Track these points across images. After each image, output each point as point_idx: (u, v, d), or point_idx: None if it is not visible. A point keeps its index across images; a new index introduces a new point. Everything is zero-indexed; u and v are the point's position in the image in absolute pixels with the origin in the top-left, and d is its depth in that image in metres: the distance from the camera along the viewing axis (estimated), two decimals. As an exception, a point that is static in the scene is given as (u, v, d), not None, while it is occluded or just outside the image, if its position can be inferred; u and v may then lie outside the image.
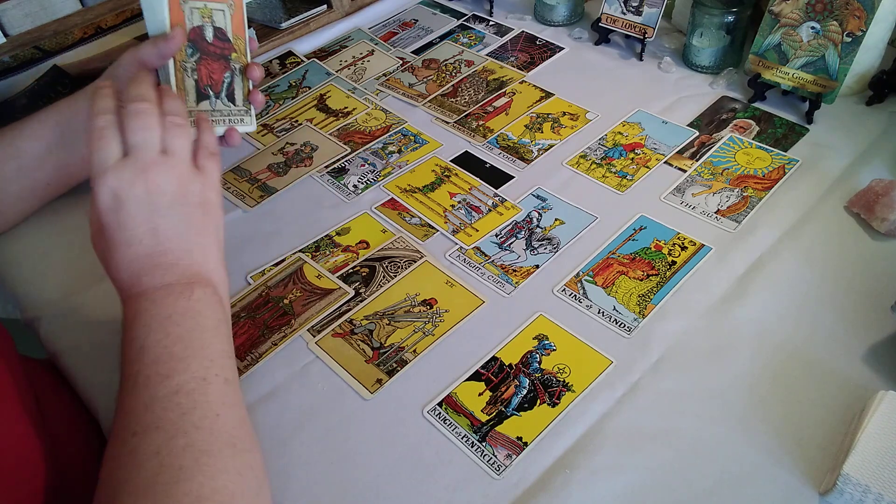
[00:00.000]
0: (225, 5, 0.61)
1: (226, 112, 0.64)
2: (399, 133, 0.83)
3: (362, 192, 0.75)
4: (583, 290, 0.63)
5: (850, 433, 0.50)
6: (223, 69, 0.63)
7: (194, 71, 0.61)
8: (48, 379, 0.61)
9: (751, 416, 0.53)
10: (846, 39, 0.74)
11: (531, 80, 0.90)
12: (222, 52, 0.63)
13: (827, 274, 0.63)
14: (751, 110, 0.82)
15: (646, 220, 0.70)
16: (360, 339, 0.61)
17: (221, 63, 0.63)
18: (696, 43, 0.87)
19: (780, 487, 0.49)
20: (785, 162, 0.74)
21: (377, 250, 0.69)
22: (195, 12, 0.60)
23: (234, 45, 0.63)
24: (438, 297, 0.64)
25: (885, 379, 0.54)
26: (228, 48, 0.63)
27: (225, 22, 0.62)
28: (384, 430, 0.54)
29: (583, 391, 0.55)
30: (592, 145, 0.79)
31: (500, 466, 0.51)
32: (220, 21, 0.62)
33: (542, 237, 0.69)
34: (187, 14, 0.60)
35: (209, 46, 0.61)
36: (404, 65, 0.94)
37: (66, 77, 0.88)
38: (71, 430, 0.57)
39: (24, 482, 0.47)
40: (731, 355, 0.57)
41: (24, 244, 0.71)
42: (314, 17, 1.02)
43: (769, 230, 0.67)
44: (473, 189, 0.75)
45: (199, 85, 0.62)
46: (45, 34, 0.93)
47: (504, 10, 1.04)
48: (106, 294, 0.66)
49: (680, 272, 0.64)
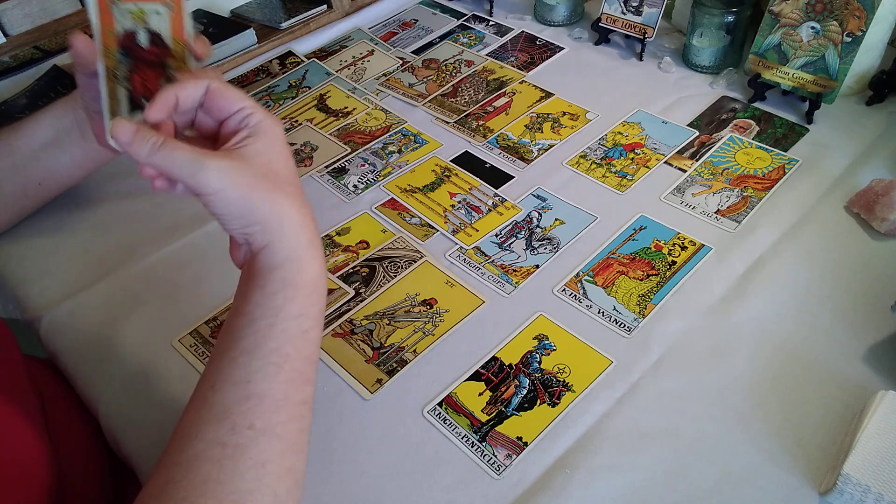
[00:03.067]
0: (162, 6, 0.55)
1: None
2: (399, 133, 0.83)
3: (362, 192, 0.75)
4: (583, 290, 0.63)
5: (850, 433, 0.50)
6: (158, 77, 0.57)
7: (126, 79, 0.56)
8: (50, 378, 0.61)
9: (751, 416, 0.53)
10: (846, 39, 0.74)
11: (531, 80, 0.90)
12: (158, 59, 0.56)
13: (827, 274, 0.63)
14: (751, 110, 0.82)
15: (646, 219, 0.70)
16: (360, 339, 0.61)
17: (157, 70, 0.57)
18: (696, 43, 0.87)
19: (780, 487, 0.49)
20: (785, 162, 0.74)
21: (377, 250, 0.69)
22: (126, 15, 0.54)
23: (173, 50, 0.57)
24: (438, 297, 0.64)
25: (885, 379, 0.54)
26: (166, 54, 0.57)
27: (162, 25, 0.56)
28: (384, 430, 0.54)
29: (583, 391, 0.55)
30: (592, 145, 0.79)
31: (500, 466, 0.51)
32: (156, 24, 0.56)
33: (542, 237, 0.69)
34: (117, 17, 0.54)
35: (143, 52, 0.56)
36: (404, 65, 0.94)
37: (66, 77, 0.88)
38: (72, 429, 0.58)
39: (27, 480, 0.47)
40: (731, 355, 0.57)
41: (24, 244, 0.71)
42: (314, 17, 1.02)
43: (769, 230, 0.67)
44: (473, 189, 0.75)
45: (133, 94, 0.56)
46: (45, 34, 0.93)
47: (504, 10, 1.04)
48: (106, 294, 0.66)
49: (680, 272, 0.64)
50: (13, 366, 0.53)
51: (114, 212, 0.74)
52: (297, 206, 0.45)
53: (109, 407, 0.57)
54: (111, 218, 0.74)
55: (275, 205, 0.43)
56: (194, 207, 0.74)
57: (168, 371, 0.59)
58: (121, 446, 0.56)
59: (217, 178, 0.42)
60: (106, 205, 0.75)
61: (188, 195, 0.45)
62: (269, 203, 0.43)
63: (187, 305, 0.64)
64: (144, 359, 0.60)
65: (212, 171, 0.42)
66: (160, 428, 0.54)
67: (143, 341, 0.62)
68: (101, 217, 0.74)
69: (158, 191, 0.47)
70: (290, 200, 0.44)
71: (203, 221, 0.72)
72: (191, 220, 0.72)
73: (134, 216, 0.74)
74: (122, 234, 0.72)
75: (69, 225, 0.73)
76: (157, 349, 0.61)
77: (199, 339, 0.61)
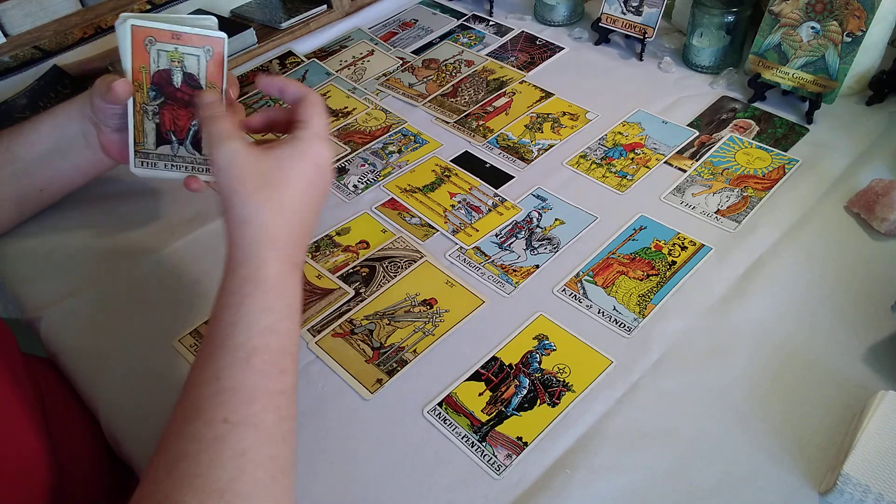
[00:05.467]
0: (201, 49, 0.57)
1: (189, 160, 0.61)
2: (399, 133, 0.83)
3: (362, 192, 0.75)
4: (583, 290, 0.63)
5: (850, 433, 0.50)
6: (190, 116, 0.59)
7: (156, 115, 0.58)
8: (51, 377, 0.61)
9: (751, 416, 0.53)
10: (846, 39, 0.74)
11: (531, 80, 0.90)
12: (191, 99, 0.59)
13: (827, 274, 0.63)
14: (751, 110, 0.82)
15: (646, 219, 0.70)
16: (360, 339, 0.61)
17: (189, 110, 0.59)
18: (696, 43, 0.87)
19: (780, 487, 0.49)
20: (785, 162, 0.74)
21: (377, 250, 0.69)
22: (162, 55, 0.56)
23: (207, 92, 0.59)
24: (438, 297, 0.64)
25: (885, 379, 0.54)
26: (199, 95, 0.58)
27: (198, 68, 0.58)
28: (384, 430, 0.54)
29: (583, 391, 0.55)
30: (592, 145, 0.79)
31: (500, 466, 0.51)
32: (193, 67, 0.58)
33: (542, 237, 0.69)
34: (153, 56, 0.56)
35: (176, 91, 0.58)
36: (404, 65, 0.94)
37: (66, 77, 0.88)
38: (73, 428, 0.58)
39: (27, 479, 0.47)
40: (731, 355, 0.57)
41: (24, 244, 0.71)
42: (314, 17, 1.02)
43: (769, 230, 0.67)
44: (473, 189, 0.75)
45: (161, 129, 0.58)
46: (45, 34, 0.93)
47: (504, 10, 1.04)
48: (106, 294, 0.66)
49: (680, 272, 0.64)
50: (13, 365, 0.53)
51: (114, 212, 0.74)
52: (272, 208, 0.47)
53: (109, 407, 0.57)
54: (111, 218, 0.74)
55: (248, 203, 0.46)
56: (194, 208, 0.74)
57: (168, 371, 0.59)
58: (121, 446, 0.56)
59: (223, 156, 0.47)
60: (106, 205, 0.75)
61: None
62: (243, 199, 0.46)
63: (187, 305, 0.64)
64: (144, 359, 0.60)
65: (224, 148, 0.47)
66: (160, 428, 0.54)
67: (143, 341, 0.62)
68: (101, 217, 0.74)
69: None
70: (267, 202, 0.47)
71: (203, 221, 0.72)
72: (191, 220, 0.72)
73: (134, 216, 0.74)
74: (121, 234, 0.72)
75: (69, 225, 0.73)
76: (157, 349, 0.61)
77: (199, 339, 0.61)
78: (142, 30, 0.55)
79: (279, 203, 0.47)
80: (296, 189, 0.48)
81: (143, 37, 0.56)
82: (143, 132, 0.58)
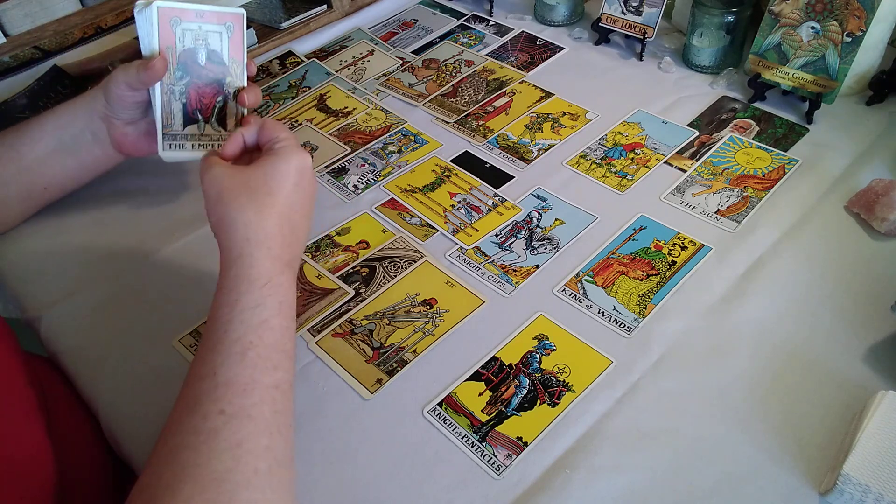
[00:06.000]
0: (223, 27, 0.59)
1: (215, 137, 0.62)
2: (399, 133, 0.83)
3: (362, 192, 0.75)
4: (583, 290, 0.63)
5: (850, 433, 0.50)
6: (215, 93, 0.60)
7: (183, 94, 0.59)
8: (51, 376, 0.61)
9: (751, 416, 0.53)
10: (846, 39, 0.74)
11: (531, 80, 0.90)
12: (215, 76, 0.60)
13: (827, 274, 0.63)
14: (751, 110, 0.82)
15: (646, 219, 0.70)
16: (360, 339, 0.61)
17: (214, 87, 0.60)
18: (696, 43, 0.87)
19: (780, 487, 0.49)
20: (785, 162, 0.74)
21: (377, 250, 0.69)
22: (187, 34, 0.58)
23: (230, 68, 0.60)
24: (438, 297, 0.64)
25: (885, 379, 0.54)
26: (223, 72, 0.60)
27: (221, 44, 0.59)
28: (384, 430, 0.54)
29: (583, 391, 0.55)
30: (592, 145, 0.79)
31: (500, 466, 0.51)
32: (216, 44, 0.59)
33: (542, 237, 0.69)
34: (179, 36, 0.57)
35: (201, 70, 0.59)
36: (404, 65, 0.94)
37: (66, 77, 0.88)
38: (73, 428, 0.58)
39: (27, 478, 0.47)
40: (731, 355, 0.57)
41: (24, 244, 0.71)
42: (314, 17, 1.02)
43: (769, 230, 0.67)
44: (473, 189, 0.75)
45: (188, 108, 0.59)
46: (45, 34, 0.93)
47: (504, 10, 1.04)
48: (106, 294, 0.66)
49: (680, 272, 0.64)
50: (14, 365, 0.53)
51: (114, 212, 0.74)
52: (260, 210, 0.49)
53: (109, 407, 0.57)
54: (111, 218, 0.74)
55: (237, 208, 0.49)
56: (194, 208, 0.74)
57: (168, 371, 0.59)
58: (121, 446, 0.56)
59: (209, 179, 0.50)
60: (106, 205, 0.75)
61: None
62: (234, 208, 0.49)
63: (187, 305, 0.64)
64: (144, 359, 0.60)
65: (209, 173, 0.51)
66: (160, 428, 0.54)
67: (143, 341, 0.62)
68: (101, 217, 0.74)
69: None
70: (254, 204, 0.49)
71: (203, 221, 0.71)
72: (191, 220, 0.72)
73: (134, 216, 0.74)
74: (122, 234, 0.72)
75: (69, 225, 0.73)
76: (157, 349, 0.61)
77: (199, 339, 0.61)
78: (168, 10, 0.57)
79: (269, 206, 0.50)
80: (281, 193, 0.50)
81: (168, 17, 0.57)
82: (172, 113, 0.59)
